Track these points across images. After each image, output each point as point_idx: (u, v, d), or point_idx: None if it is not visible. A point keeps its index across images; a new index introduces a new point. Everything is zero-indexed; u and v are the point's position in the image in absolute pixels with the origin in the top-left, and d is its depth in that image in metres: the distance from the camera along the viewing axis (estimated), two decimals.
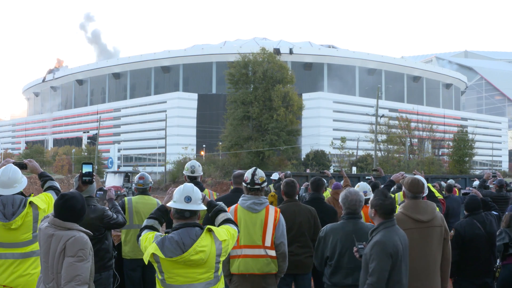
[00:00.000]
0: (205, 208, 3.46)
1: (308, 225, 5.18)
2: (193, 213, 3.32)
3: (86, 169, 4.27)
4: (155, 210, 3.56)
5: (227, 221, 3.54)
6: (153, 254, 3.13)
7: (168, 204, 3.37)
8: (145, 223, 3.47)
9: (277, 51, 66.78)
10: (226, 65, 57.21)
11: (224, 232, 3.34)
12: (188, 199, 3.31)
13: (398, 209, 4.35)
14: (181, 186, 3.42)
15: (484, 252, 5.24)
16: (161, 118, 69.10)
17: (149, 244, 3.20)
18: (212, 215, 3.65)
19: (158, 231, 3.42)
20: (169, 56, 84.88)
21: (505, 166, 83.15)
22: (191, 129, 75.48)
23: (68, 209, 3.45)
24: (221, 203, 3.78)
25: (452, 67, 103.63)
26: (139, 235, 3.38)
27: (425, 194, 5.02)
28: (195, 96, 77.32)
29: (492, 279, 5.47)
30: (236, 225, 3.56)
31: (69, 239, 3.36)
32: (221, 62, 77.20)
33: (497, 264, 5.58)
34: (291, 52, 78.85)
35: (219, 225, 3.52)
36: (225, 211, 3.66)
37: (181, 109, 74.17)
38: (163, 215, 3.51)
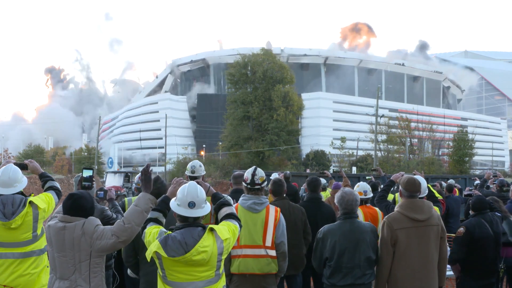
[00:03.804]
0: (209, 211, 3.42)
1: (301, 224, 5.23)
2: (197, 218, 3.31)
3: (87, 174, 4.28)
4: (160, 202, 3.53)
5: (229, 215, 3.52)
6: (155, 251, 3.14)
7: (172, 207, 3.35)
8: (149, 215, 3.47)
9: (269, 46, 67.55)
10: (225, 66, 57.82)
11: (226, 230, 3.33)
12: (192, 205, 3.27)
13: (395, 208, 4.36)
14: (185, 186, 3.38)
15: (491, 252, 5.22)
16: (156, 118, 71.05)
17: (152, 240, 3.21)
18: (215, 207, 3.64)
19: (162, 224, 3.42)
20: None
21: (507, 167, 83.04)
22: (188, 130, 77.14)
23: (77, 208, 3.47)
24: (226, 196, 3.76)
25: (452, 67, 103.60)
26: (144, 227, 3.39)
27: (424, 194, 5.02)
28: (183, 99, 79.90)
29: (496, 278, 5.46)
30: (238, 219, 3.54)
31: (83, 224, 3.43)
32: (220, 63, 78.62)
33: (501, 264, 5.57)
34: (282, 51, 78.87)
35: (221, 220, 3.51)
36: (229, 205, 3.63)
37: (173, 111, 75.63)
38: (167, 207, 3.47)
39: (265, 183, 4.72)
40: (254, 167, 4.78)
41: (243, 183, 4.75)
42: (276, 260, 4.53)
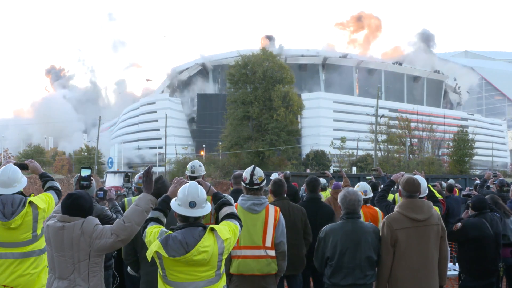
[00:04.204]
0: (209, 211, 3.41)
1: (301, 224, 5.22)
2: (197, 217, 3.30)
3: (85, 173, 4.27)
4: (160, 201, 3.51)
5: (230, 215, 3.51)
6: (156, 251, 3.14)
7: (172, 207, 3.35)
8: (150, 214, 3.47)
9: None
10: (225, 68, 58.16)
11: (226, 230, 3.32)
12: (192, 204, 3.27)
13: (395, 208, 4.36)
14: (186, 186, 3.38)
15: (492, 251, 5.22)
16: (155, 118, 71.34)
17: (153, 240, 3.20)
18: (216, 207, 3.63)
19: (163, 224, 3.41)
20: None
21: (508, 167, 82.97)
22: (187, 130, 77.58)
23: (76, 208, 3.47)
24: (227, 196, 3.75)
25: (452, 67, 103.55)
26: (145, 227, 3.38)
27: (425, 194, 5.01)
28: (183, 99, 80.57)
29: (497, 278, 5.45)
30: (238, 219, 3.53)
31: (82, 224, 3.43)
32: (219, 65, 79.16)
33: (501, 263, 5.57)
34: (281, 48, 78.96)
35: (221, 219, 3.50)
36: (230, 204, 3.62)
37: (172, 111, 76.08)
38: (168, 207, 3.46)
39: (264, 182, 4.70)
40: (252, 166, 4.74)
41: (242, 183, 4.73)
42: (276, 260, 4.53)
